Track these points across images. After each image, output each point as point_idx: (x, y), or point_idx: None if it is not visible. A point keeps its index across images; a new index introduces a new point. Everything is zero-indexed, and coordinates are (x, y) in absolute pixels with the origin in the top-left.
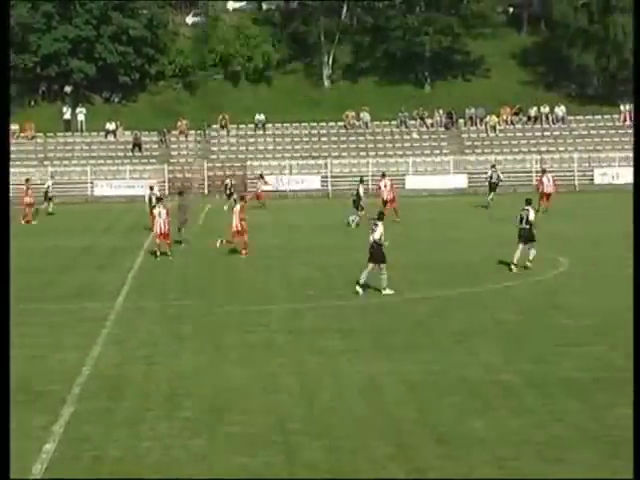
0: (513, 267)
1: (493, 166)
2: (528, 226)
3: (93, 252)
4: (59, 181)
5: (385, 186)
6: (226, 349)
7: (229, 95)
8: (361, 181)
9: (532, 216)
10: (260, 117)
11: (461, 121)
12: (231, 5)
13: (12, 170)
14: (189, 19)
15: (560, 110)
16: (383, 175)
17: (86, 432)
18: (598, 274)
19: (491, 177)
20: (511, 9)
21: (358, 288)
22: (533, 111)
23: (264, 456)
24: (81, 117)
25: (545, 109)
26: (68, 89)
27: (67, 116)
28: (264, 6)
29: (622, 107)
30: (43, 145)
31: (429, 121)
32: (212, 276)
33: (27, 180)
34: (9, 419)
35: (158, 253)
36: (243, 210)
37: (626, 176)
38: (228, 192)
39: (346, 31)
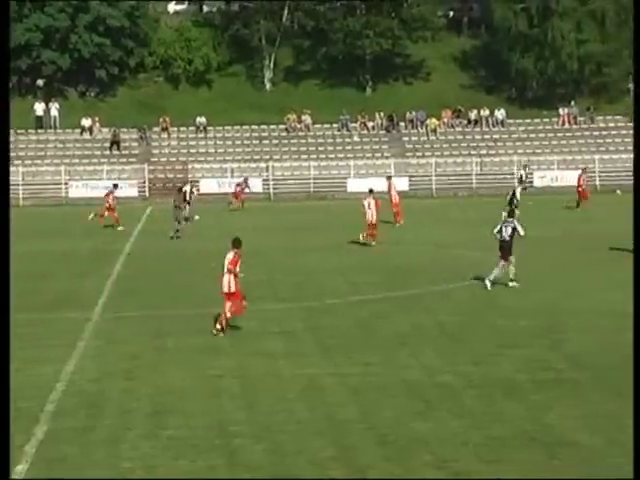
0: (513, 283)
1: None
2: (509, 239)
3: (72, 258)
4: (31, 182)
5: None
6: (172, 351)
7: (170, 98)
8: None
9: (522, 231)
10: (201, 120)
11: (402, 124)
12: (171, 7)
13: None
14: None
15: (500, 113)
16: (370, 191)
17: (62, 452)
18: (536, 275)
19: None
20: (451, 13)
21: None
22: (473, 114)
23: (206, 460)
24: (54, 113)
25: (485, 112)
26: (40, 83)
27: (39, 112)
28: (204, 8)
29: (561, 110)
30: (14, 143)
31: (370, 124)
32: (148, 280)
33: None
34: (9, 419)
35: None
36: None
37: (565, 179)
38: (188, 199)
39: (287, 34)
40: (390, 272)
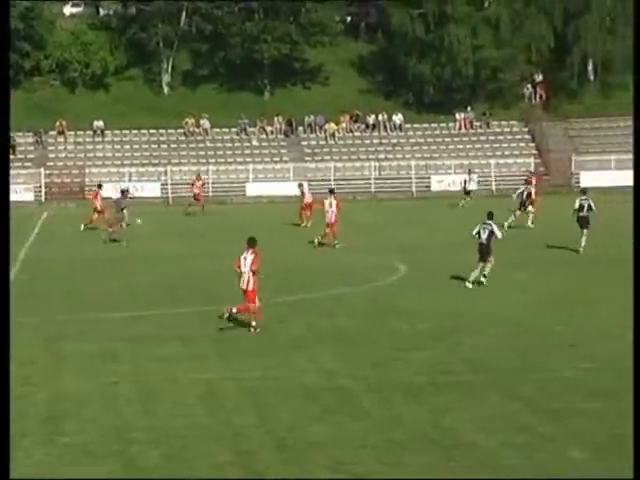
0: (483, 279)
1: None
2: (487, 241)
3: None
4: None
5: (331, 206)
6: (69, 357)
7: (66, 101)
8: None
9: (499, 233)
10: (99, 124)
11: (300, 128)
12: (67, 10)
13: None
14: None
15: (398, 118)
16: (331, 192)
17: None
18: (434, 279)
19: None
20: (349, 18)
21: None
22: (371, 119)
23: (103, 466)
24: None
25: (383, 117)
26: None
27: None
28: (101, 11)
29: (457, 115)
30: None
31: (269, 128)
32: (44, 285)
33: None
34: (9, 419)
35: None
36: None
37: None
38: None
39: (185, 37)
40: (287, 275)
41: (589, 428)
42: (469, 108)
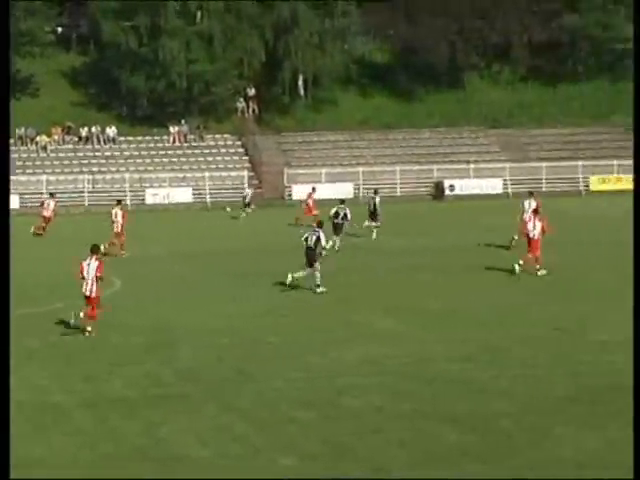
0: (320, 289)
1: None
2: (313, 247)
3: None
4: None
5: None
6: None
7: None
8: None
9: (323, 240)
10: None
11: (12, 140)
12: None
13: None
14: None
15: (111, 131)
16: (119, 202)
17: None
18: (149, 291)
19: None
20: (60, 29)
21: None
22: (84, 131)
23: None
24: None
25: (97, 129)
26: None
27: None
28: None
29: (171, 128)
30: None
31: None
32: None
33: None
34: (9, 419)
35: None
36: None
37: (176, 196)
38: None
39: None
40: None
41: (301, 436)
42: (183, 121)
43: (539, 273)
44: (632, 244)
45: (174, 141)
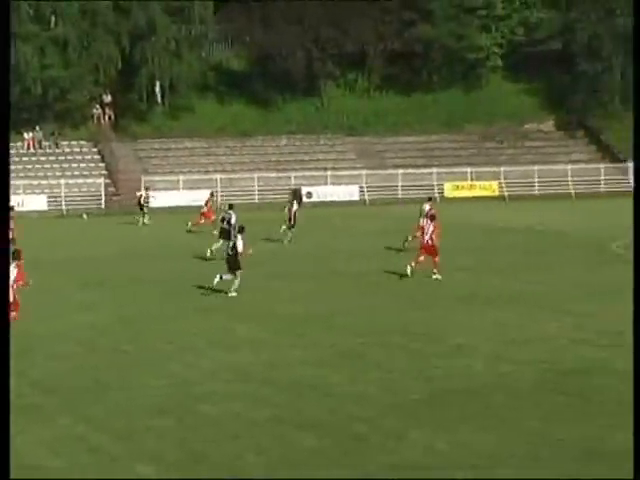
0: (232, 294)
1: None
2: (232, 252)
3: None
4: None
5: None
6: None
7: None
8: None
9: (240, 245)
10: None
11: None
12: None
13: None
14: None
15: None
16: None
17: None
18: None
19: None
20: None
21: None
22: None
23: None
24: None
25: None
26: None
27: None
28: None
29: (26, 135)
30: None
31: None
32: None
33: None
34: (9, 419)
35: None
36: None
37: (30, 203)
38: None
39: None
40: None
41: (158, 444)
42: (38, 127)
43: (434, 277)
44: (632, 244)
45: (28, 147)
